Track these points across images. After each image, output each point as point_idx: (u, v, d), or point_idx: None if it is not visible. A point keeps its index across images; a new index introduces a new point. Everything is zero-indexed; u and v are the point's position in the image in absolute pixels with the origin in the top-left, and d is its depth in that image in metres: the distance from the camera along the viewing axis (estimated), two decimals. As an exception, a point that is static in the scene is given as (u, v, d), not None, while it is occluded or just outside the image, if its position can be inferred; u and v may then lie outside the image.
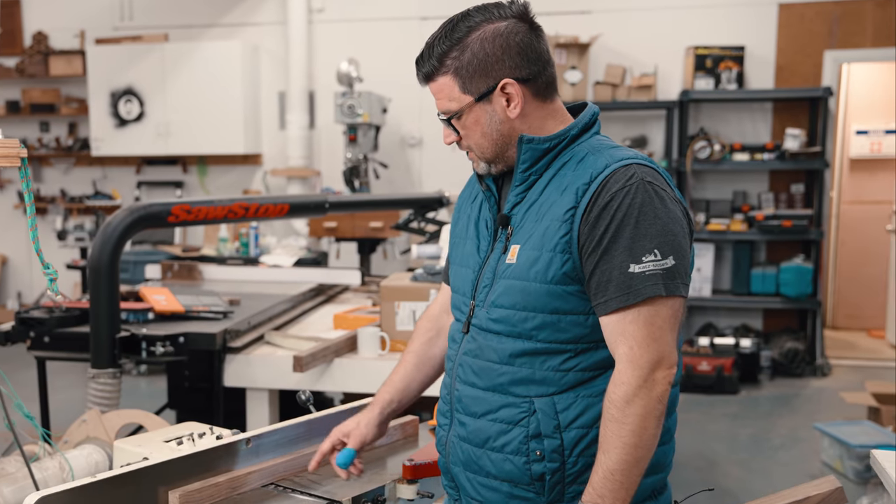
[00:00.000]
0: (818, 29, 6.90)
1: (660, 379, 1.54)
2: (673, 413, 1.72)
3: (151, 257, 6.13)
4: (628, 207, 1.54)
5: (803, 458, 4.93)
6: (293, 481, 1.87)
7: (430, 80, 1.68)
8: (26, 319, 3.22)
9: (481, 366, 1.68)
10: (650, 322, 1.54)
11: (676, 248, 1.56)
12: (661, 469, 1.69)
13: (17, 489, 2.05)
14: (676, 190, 1.65)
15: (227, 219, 3.42)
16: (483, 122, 1.66)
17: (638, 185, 1.56)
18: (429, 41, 1.67)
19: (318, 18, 7.55)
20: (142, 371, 6.58)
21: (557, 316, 1.61)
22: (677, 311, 1.57)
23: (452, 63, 1.63)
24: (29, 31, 8.17)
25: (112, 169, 8.22)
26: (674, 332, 1.57)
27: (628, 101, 6.87)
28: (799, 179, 7.00)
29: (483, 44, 1.62)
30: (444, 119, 1.70)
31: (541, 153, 1.66)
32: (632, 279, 1.53)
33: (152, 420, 2.46)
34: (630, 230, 1.54)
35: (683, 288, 1.58)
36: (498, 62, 1.62)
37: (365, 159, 6.65)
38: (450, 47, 1.63)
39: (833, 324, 8.19)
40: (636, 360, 1.53)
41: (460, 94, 1.65)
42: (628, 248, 1.54)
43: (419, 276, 3.28)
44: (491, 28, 1.62)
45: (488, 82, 1.63)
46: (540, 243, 1.61)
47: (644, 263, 1.53)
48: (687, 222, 1.63)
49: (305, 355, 3.06)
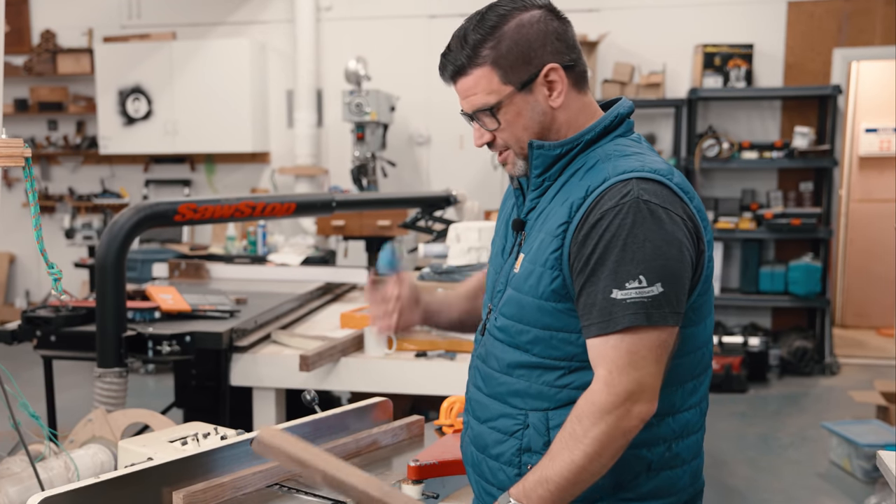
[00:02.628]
0: (827, 27, 6.86)
1: (634, 413, 1.46)
2: (690, 436, 1.63)
3: (159, 256, 6.14)
4: (617, 228, 1.45)
5: (812, 457, 4.92)
6: (298, 481, 1.87)
7: (461, 74, 1.58)
8: (32, 318, 3.23)
9: (486, 372, 1.67)
10: (632, 350, 1.45)
11: (666, 275, 1.45)
12: (667, 494, 1.60)
13: (23, 489, 2.05)
14: (695, 202, 1.55)
15: (233, 218, 3.41)
16: (525, 113, 1.57)
17: (631, 204, 1.46)
18: (458, 34, 1.59)
19: (325, 16, 7.55)
20: (149, 369, 6.65)
21: (549, 332, 1.56)
22: (664, 341, 1.47)
23: (490, 53, 1.54)
24: (37, 29, 8.18)
25: (120, 167, 8.23)
26: (659, 364, 1.47)
27: (637, 100, 6.84)
28: (808, 178, 6.97)
29: (521, 30, 1.54)
30: (478, 114, 1.59)
31: (552, 159, 1.58)
32: (613, 306, 1.45)
33: (158, 420, 2.46)
34: (616, 253, 1.45)
35: (672, 317, 1.47)
36: (540, 48, 1.54)
37: (373, 157, 6.65)
38: (484, 36, 1.55)
39: (842, 322, 8.15)
40: (613, 386, 1.45)
41: (500, 84, 1.55)
42: (613, 273, 1.45)
43: (426, 274, 3.27)
44: (526, 16, 1.55)
45: (530, 70, 1.55)
46: (535, 257, 1.56)
47: (627, 290, 1.44)
48: (694, 243, 1.52)
49: (312, 354, 3.06)
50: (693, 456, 1.64)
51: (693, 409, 1.61)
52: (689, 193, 1.55)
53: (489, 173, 7.21)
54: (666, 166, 1.55)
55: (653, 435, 1.55)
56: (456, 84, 1.60)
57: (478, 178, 7.26)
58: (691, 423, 1.62)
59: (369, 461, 2.03)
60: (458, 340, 3.15)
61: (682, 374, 1.58)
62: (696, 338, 1.59)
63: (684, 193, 1.53)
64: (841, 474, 4.62)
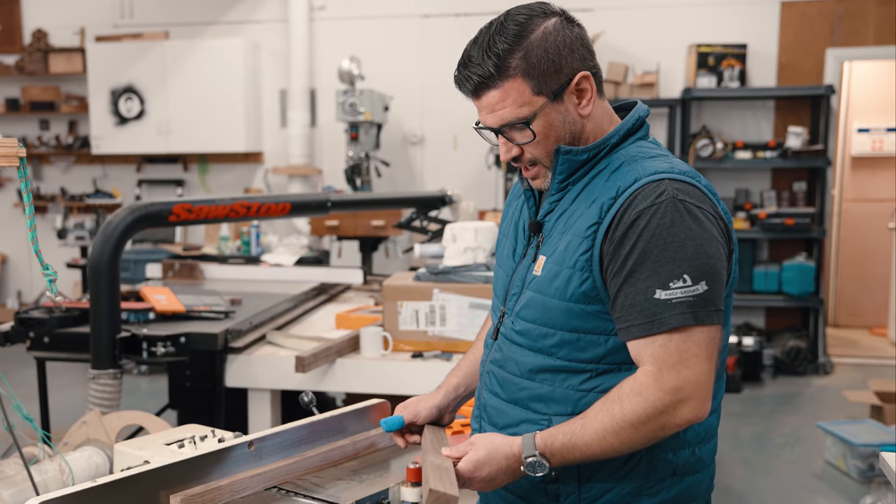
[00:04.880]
0: (820, 27, 6.87)
1: (682, 413, 1.43)
2: (710, 441, 1.62)
3: (152, 256, 6.11)
4: (656, 228, 1.42)
5: (806, 456, 4.92)
6: (296, 484, 1.85)
7: (489, 87, 1.51)
8: (26, 319, 3.20)
9: (504, 377, 1.64)
10: (682, 349, 1.42)
11: (710, 273, 1.43)
12: (688, 499, 1.59)
13: (17, 492, 2.03)
14: (721, 204, 1.54)
15: (228, 218, 3.39)
16: (557, 124, 1.53)
17: (668, 202, 1.43)
18: (481, 43, 1.50)
19: (319, 16, 7.53)
20: (143, 371, 6.62)
21: (577, 335, 1.53)
22: (712, 338, 1.44)
23: (521, 63, 1.48)
24: (29, 28, 8.15)
25: (112, 167, 8.20)
26: (710, 362, 1.44)
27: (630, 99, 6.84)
28: (801, 177, 6.98)
29: (547, 38, 1.49)
30: (505, 129, 1.54)
31: (578, 164, 1.56)
32: (657, 306, 1.42)
33: (153, 422, 2.44)
34: (657, 253, 1.42)
35: (717, 315, 1.44)
36: (569, 55, 1.50)
37: (367, 157, 6.63)
38: (512, 46, 1.48)
39: (835, 322, 8.17)
40: (661, 382, 1.42)
41: (533, 96, 1.50)
42: (655, 273, 1.42)
43: (422, 275, 3.26)
44: (550, 23, 1.50)
45: (561, 79, 1.50)
46: (561, 258, 1.53)
47: (672, 290, 1.41)
48: (726, 241, 1.50)
49: (308, 355, 3.04)
50: (712, 460, 1.64)
51: (714, 413, 1.58)
52: (716, 195, 1.54)
53: (484, 173, 7.20)
54: (691, 169, 1.54)
55: (679, 440, 1.55)
56: (480, 98, 1.54)
57: (472, 177, 7.25)
58: (713, 427, 1.62)
59: (367, 464, 2.01)
60: (454, 341, 3.14)
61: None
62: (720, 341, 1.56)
63: (712, 195, 1.52)
64: (836, 474, 4.63)
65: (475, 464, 1.49)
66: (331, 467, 1.96)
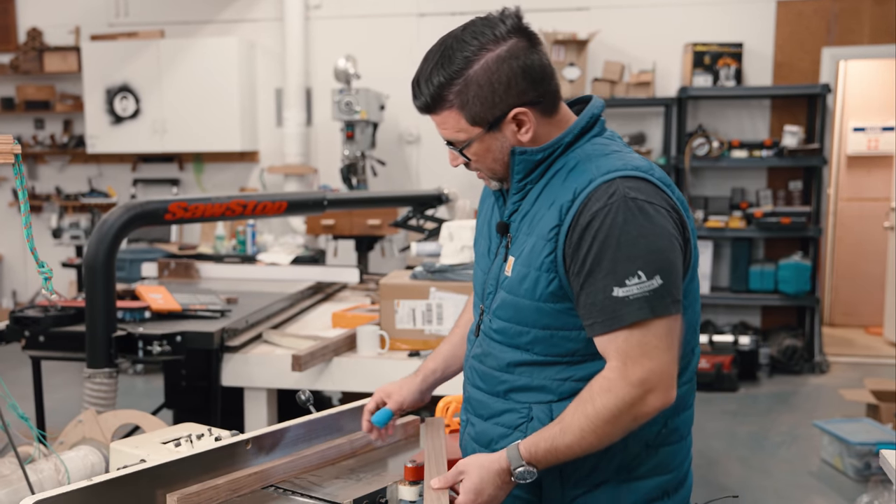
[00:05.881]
0: (816, 26, 6.88)
1: (650, 403, 1.50)
2: (684, 412, 1.69)
3: (148, 255, 6.10)
4: (609, 228, 1.48)
5: (803, 455, 4.92)
6: (294, 483, 1.85)
7: (430, 112, 1.61)
8: (21, 318, 3.19)
9: (485, 371, 1.71)
10: (643, 342, 1.49)
11: (664, 267, 1.49)
12: (667, 470, 1.67)
13: (12, 491, 2.02)
14: (676, 192, 1.59)
15: (224, 216, 3.38)
16: (494, 149, 1.61)
17: (619, 202, 1.49)
18: (424, 71, 1.57)
19: (314, 15, 7.51)
20: (138, 370, 6.60)
21: (550, 332, 1.59)
22: (672, 328, 1.51)
23: (456, 98, 1.55)
24: (23, 27, 8.12)
25: (107, 166, 8.17)
26: (671, 351, 1.51)
27: (626, 98, 6.85)
28: (797, 176, 6.99)
29: (487, 74, 1.53)
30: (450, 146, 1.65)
31: (533, 164, 1.61)
32: (616, 303, 1.49)
33: (149, 421, 2.43)
34: (612, 252, 1.48)
35: (674, 306, 1.51)
36: (506, 91, 1.54)
37: (362, 156, 6.62)
38: (449, 80, 1.54)
39: (830, 321, 8.18)
40: (628, 377, 1.49)
41: (468, 125, 1.58)
42: (612, 271, 1.48)
43: (419, 273, 3.25)
44: (493, 56, 1.53)
45: (496, 113, 1.56)
46: (528, 260, 1.59)
47: (628, 287, 1.48)
48: (681, 232, 1.55)
49: (304, 354, 3.04)
50: (688, 431, 1.71)
51: (685, 386, 1.66)
52: (670, 186, 1.59)
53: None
54: (645, 163, 1.59)
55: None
56: (428, 115, 1.63)
57: (468, 176, 7.18)
58: (684, 399, 1.67)
59: (364, 462, 2.01)
60: (451, 340, 3.13)
61: None
62: (684, 321, 1.62)
63: (666, 186, 1.57)
64: (832, 472, 4.63)
65: (475, 491, 1.55)
66: (328, 466, 1.96)
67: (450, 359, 1.96)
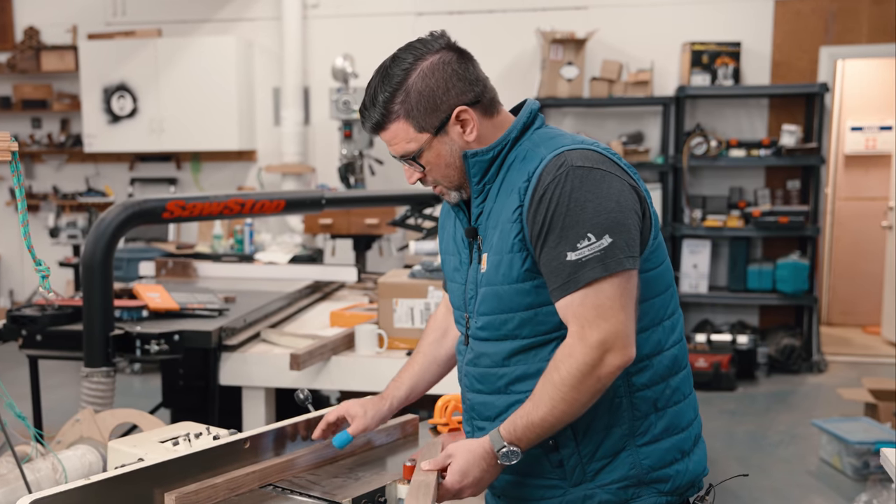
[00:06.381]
0: (814, 25, 6.88)
1: (609, 362, 1.56)
2: (681, 371, 1.74)
3: (145, 255, 6.08)
4: (559, 197, 1.58)
5: (801, 454, 4.92)
6: (292, 482, 1.84)
7: (380, 129, 1.70)
8: (18, 317, 3.18)
9: (481, 373, 1.74)
10: (597, 304, 1.56)
11: (613, 225, 1.57)
12: (679, 430, 1.72)
13: (9, 491, 2.01)
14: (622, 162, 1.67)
15: (222, 215, 3.37)
16: (444, 153, 1.69)
17: (567, 172, 1.59)
18: (369, 91, 1.69)
19: (312, 14, 7.50)
20: (135, 370, 6.59)
21: (533, 311, 1.65)
22: (625, 286, 1.58)
23: (401, 108, 1.66)
24: (20, 26, 8.10)
25: (105, 165, 8.16)
26: (626, 310, 1.58)
27: (624, 97, 6.84)
28: (795, 176, 6.99)
29: (425, 80, 1.65)
30: (405, 160, 1.72)
31: (487, 163, 1.70)
32: (570, 267, 1.57)
33: (147, 420, 2.42)
34: (562, 219, 1.57)
35: (628, 261, 1.58)
36: (445, 93, 1.65)
37: (360, 155, 6.62)
38: (392, 93, 1.65)
39: (828, 320, 8.18)
40: (586, 339, 1.56)
41: (416, 133, 1.67)
42: (563, 237, 1.57)
43: (417, 272, 3.24)
44: (426, 64, 1.65)
45: (440, 115, 1.66)
46: (500, 247, 1.66)
47: (579, 250, 1.56)
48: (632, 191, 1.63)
49: (303, 353, 3.03)
50: (690, 390, 1.77)
51: (677, 345, 1.73)
52: (615, 156, 1.67)
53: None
54: (589, 139, 1.70)
55: (651, 375, 1.68)
56: (378, 136, 1.73)
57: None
58: (679, 359, 1.74)
59: (364, 461, 2.00)
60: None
61: (657, 314, 1.70)
62: (660, 280, 1.71)
63: (612, 154, 1.67)
64: (831, 472, 4.63)
65: (460, 473, 1.62)
66: (327, 465, 1.95)
67: (413, 387, 1.99)
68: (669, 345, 1.70)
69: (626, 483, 1.67)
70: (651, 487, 1.68)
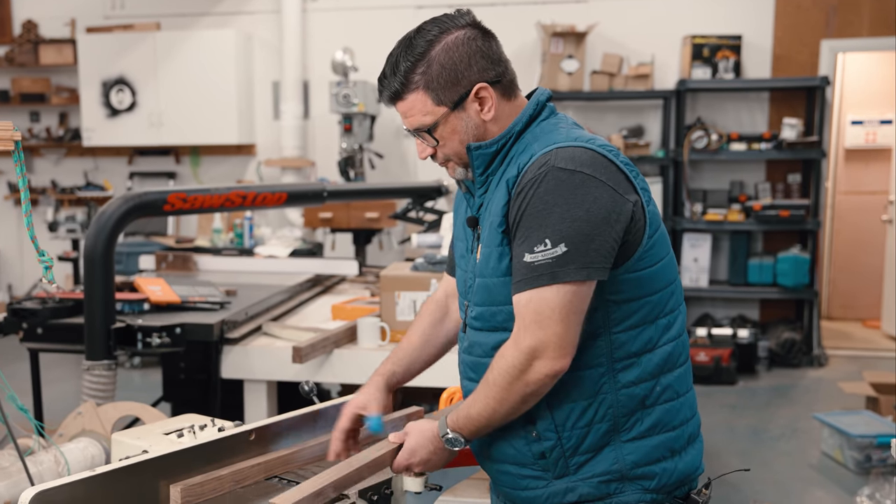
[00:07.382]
0: (815, 18, 6.86)
1: (537, 368, 1.56)
2: (677, 369, 1.70)
3: (145, 248, 6.07)
4: (532, 197, 1.57)
5: (803, 448, 4.92)
6: (297, 474, 1.83)
7: (398, 99, 1.69)
8: (19, 310, 3.17)
9: (474, 361, 1.76)
10: (537, 311, 1.56)
11: (573, 235, 1.54)
12: (670, 428, 1.69)
13: (12, 483, 2.00)
14: (620, 157, 1.62)
15: (223, 207, 3.36)
16: (460, 129, 1.69)
17: (546, 172, 1.57)
18: (390, 60, 1.68)
19: (312, 7, 7.48)
20: (135, 364, 6.58)
21: None
22: (570, 300, 1.55)
23: (421, 78, 1.65)
24: (18, 19, 8.07)
25: (104, 159, 8.14)
26: (566, 321, 1.56)
27: (625, 91, 6.83)
28: (796, 169, 6.98)
29: (448, 53, 1.64)
30: (418, 134, 1.72)
31: (490, 156, 1.69)
32: (525, 268, 1.57)
33: (149, 412, 2.41)
34: (529, 220, 1.57)
35: (579, 272, 1.55)
36: (467, 69, 1.65)
37: (360, 149, 6.60)
38: (414, 63, 1.65)
39: (828, 314, 8.17)
40: (519, 343, 1.58)
41: (434, 106, 1.67)
42: (526, 238, 1.58)
43: (419, 265, 3.23)
44: (451, 38, 1.65)
45: (460, 90, 1.66)
46: (489, 240, 1.67)
47: (535, 254, 1.56)
48: (617, 194, 1.57)
49: (305, 346, 3.02)
50: (687, 388, 1.74)
51: (673, 343, 1.69)
52: (614, 151, 1.63)
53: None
54: (588, 135, 1.67)
55: (639, 372, 1.66)
56: (394, 106, 1.72)
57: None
58: (674, 356, 1.70)
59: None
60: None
61: (651, 312, 1.66)
62: (657, 278, 1.66)
63: (608, 151, 1.62)
64: (833, 465, 4.62)
65: (409, 451, 1.72)
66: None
67: (408, 365, 1.99)
68: (663, 342, 1.67)
69: (608, 477, 1.66)
70: (635, 483, 1.66)
